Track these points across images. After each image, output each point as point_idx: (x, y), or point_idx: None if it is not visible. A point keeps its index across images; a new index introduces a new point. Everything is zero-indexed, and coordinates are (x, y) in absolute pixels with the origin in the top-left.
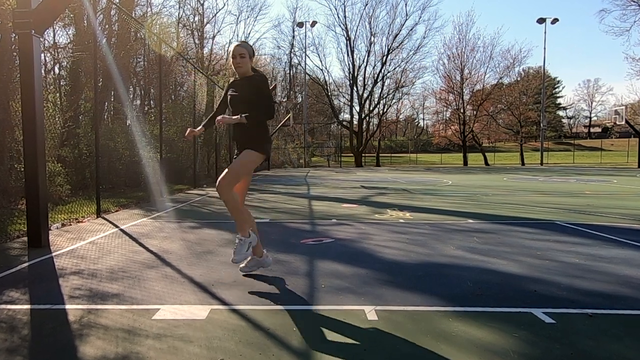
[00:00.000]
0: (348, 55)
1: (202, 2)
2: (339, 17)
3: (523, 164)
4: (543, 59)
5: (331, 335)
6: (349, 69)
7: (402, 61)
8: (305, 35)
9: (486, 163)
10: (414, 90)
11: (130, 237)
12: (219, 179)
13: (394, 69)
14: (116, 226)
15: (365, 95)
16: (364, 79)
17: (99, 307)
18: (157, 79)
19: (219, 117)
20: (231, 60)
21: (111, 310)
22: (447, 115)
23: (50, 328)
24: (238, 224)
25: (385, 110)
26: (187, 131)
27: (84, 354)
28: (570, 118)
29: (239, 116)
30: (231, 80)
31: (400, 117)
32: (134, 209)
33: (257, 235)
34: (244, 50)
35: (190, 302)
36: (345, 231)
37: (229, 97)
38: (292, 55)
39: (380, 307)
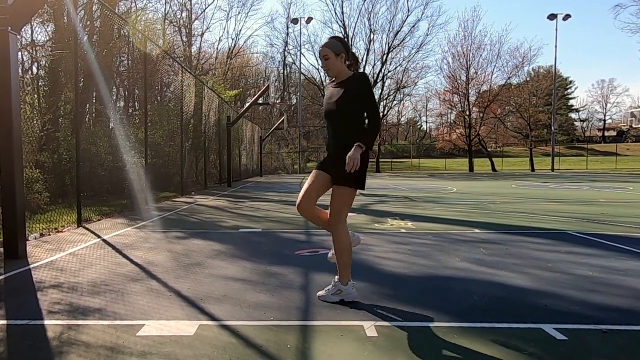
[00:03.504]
0: None
1: None
2: (336, 14)
3: (533, 170)
4: (554, 58)
5: (328, 353)
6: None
7: (403, 60)
8: (301, 33)
9: (494, 169)
10: (416, 91)
11: (114, 248)
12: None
13: (395, 68)
14: (98, 236)
15: None
16: None
17: (80, 322)
18: (142, 80)
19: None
20: None
21: (93, 327)
22: (452, 118)
23: (27, 345)
24: (340, 269)
25: (385, 112)
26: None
27: None
28: (583, 121)
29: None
30: (326, 85)
31: (402, 119)
32: (117, 218)
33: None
34: (327, 51)
35: (178, 317)
36: None
37: (323, 109)
38: (286, 54)
39: (380, 322)
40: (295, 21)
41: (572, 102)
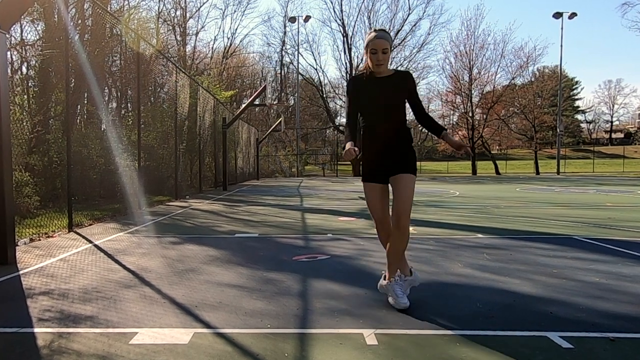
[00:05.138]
0: (345, 53)
1: None
2: (335, 11)
3: (538, 173)
4: (560, 57)
5: None
6: (345, 69)
7: (404, 60)
8: (298, 32)
9: (497, 172)
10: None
11: (105, 253)
12: (403, 217)
13: (396, 68)
14: (90, 241)
15: None
16: None
17: (70, 330)
18: (135, 80)
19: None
20: (368, 55)
21: (84, 334)
22: (454, 120)
23: (17, 353)
24: (403, 262)
25: None
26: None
27: None
28: (589, 122)
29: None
30: (356, 77)
31: None
32: (109, 223)
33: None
34: (387, 45)
35: (172, 325)
36: (341, 247)
37: (366, 99)
38: (283, 53)
39: (380, 330)
40: (293, 19)
41: (578, 103)
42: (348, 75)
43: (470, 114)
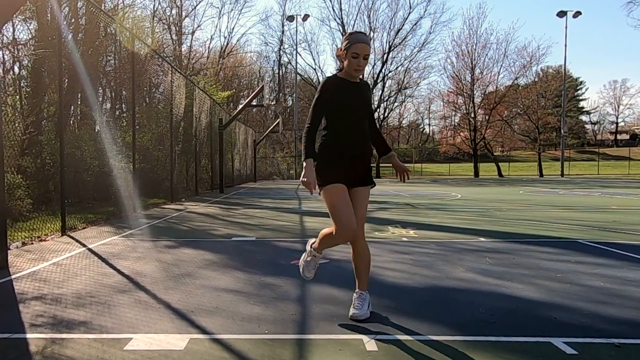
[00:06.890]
0: None
1: None
2: (334, 10)
3: (541, 175)
4: (564, 57)
5: None
6: None
7: (405, 59)
8: (297, 31)
9: (500, 174)
10: (418, 92)
11: (99, 257)
12: (359, 231)
13: (396, 68)
14: (83, 245)
15: None
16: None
17: (64, 336)
18: (130, 80)
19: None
20: (347, 57)
21: (78, 340)
22: (456, 121)
23: (10, 359)
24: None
25: (386, 114)
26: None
27: None
28: (594, 123)
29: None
30: (334, 78)
31: (403, 122)
32: (103, 226)
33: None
34: (369, 51)
35: (167, 330)
36: (341, 251)
37: (342, 103)
38: (281, 52)
39: (380, 336)
40: (291, 18)
41: (582, 103)
42: None
43: (473, 115)
